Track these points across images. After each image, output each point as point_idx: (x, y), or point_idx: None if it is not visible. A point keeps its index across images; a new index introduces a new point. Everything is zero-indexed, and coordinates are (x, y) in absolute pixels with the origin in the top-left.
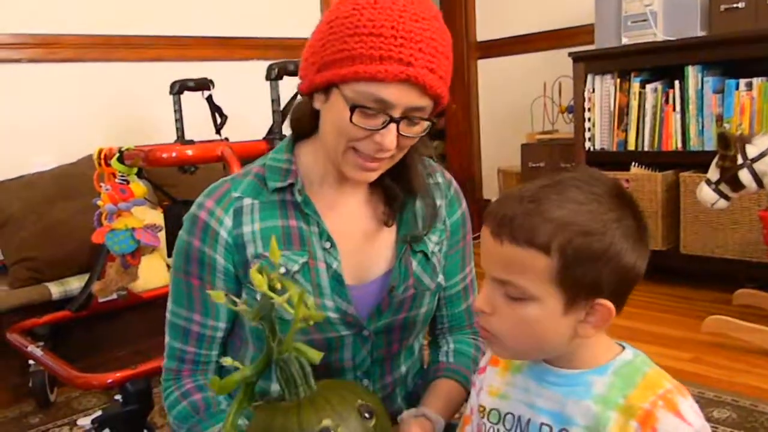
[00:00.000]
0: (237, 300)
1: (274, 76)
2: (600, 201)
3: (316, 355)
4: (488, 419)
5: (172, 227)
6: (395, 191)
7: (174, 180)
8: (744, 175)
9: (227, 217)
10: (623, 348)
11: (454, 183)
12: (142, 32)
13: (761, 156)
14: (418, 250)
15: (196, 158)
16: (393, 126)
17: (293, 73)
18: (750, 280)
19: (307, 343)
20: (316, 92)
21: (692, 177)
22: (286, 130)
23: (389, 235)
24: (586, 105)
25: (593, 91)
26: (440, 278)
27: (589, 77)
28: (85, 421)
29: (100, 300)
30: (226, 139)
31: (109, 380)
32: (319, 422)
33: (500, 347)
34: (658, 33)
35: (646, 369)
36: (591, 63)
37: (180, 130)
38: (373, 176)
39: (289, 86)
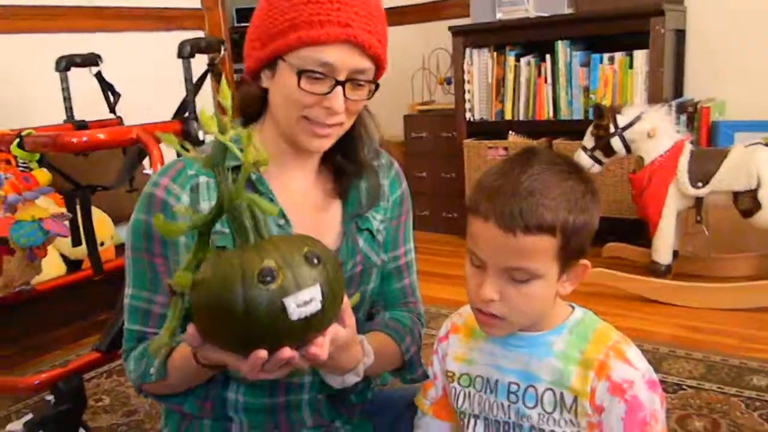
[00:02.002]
0: (189, 147)
1: (186, 54)
2: (570, 177)
3: (272, 208)
4: (459, 383)
5: (82, 214)
6: (345, 166)
7: (65, 163)
8: (615, 143)
9: (185, 194)
10: (573, 308)
11: (396, 164)
12: (19, 1)
13: (630, 125)
14: (363, 227)
15: (108, 142)
16: (339, 89)
17: (205, 51)
18: (613, 234)
19: None
20: (263, 70)
21: (564, 144)
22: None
23: (336, 212)
24: (466, 77)
25: (471, 64)
26: (383, 255)
27: (467, 50)
28: (16, 426)
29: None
30: (120, 118)
31: (37, 382)
32: (261, 262)
33: (504, 327)
34: (530, 9)
35: (596, 325)
36: (469, 37)
37: (69, 109)
38: (327, 144)
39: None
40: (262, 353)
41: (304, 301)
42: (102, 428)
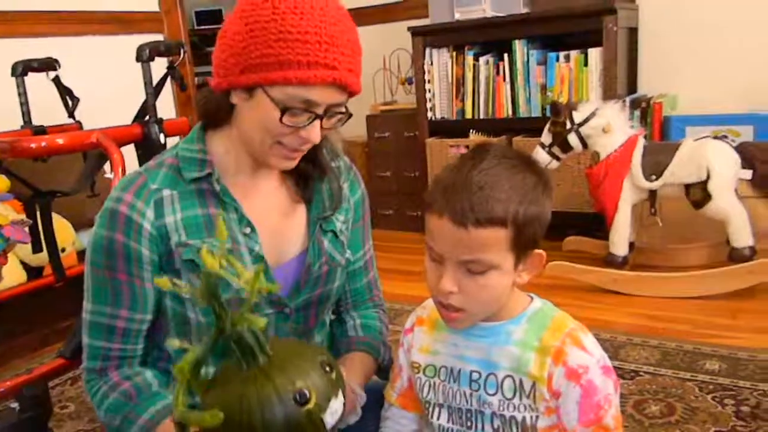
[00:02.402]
0: (180, 283)
1: (146, 57)
2: (521, 170)
3: (261, 322)
4: (424, 374)
5: (42, 220)
6: (307, 171)
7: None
8: (572, 138)
9: (149, 209)
10: (532, 299)
11: (354, 166)
12: None
13: (585, 121)
14: (328, 229)
15: (68, 147)
16: (317, 121)
17: (164, 54)
18: (573, 228)
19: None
20: (236, 90)
21: (523, 141)
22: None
23: (301, 216)
24: (426, 77)
25: (432, 63)
26: (348, 254)
27: (427, 50)
28: None
29: None
30: (79, 122)
31: (1, 389)
32: (293, 385)
33: (464, 319)
34: (487, 9)
35: (553, 314)
36: (428, 37)
37: (27, 114)
38: (294, 163)
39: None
40: None
41: (334, 410)
42: None
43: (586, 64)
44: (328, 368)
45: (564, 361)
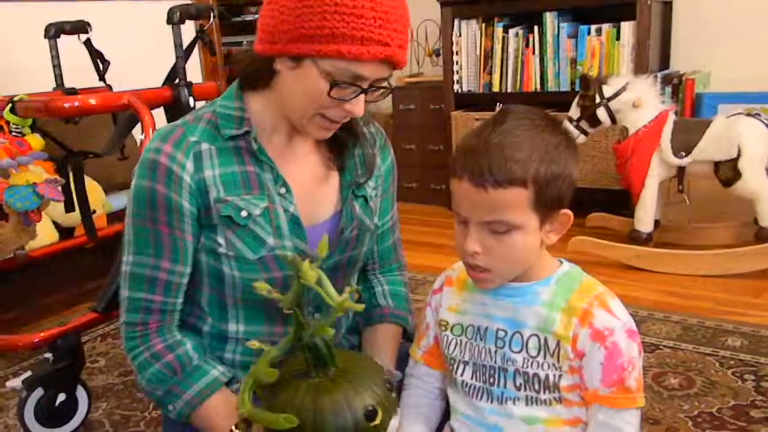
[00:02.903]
0: (271, 289)
1: (176, 20)
2: (544, 130)
3: (331, 332)
4: (452, 332)
5: (75, 180)
6: (342, 139)
7: (56, 131)
8: (601, 113)
9: (189, 162)
10: (561, 263)
11: (384, 133)
12: None
13: (615, 95)
14: (359, 194)
15: (100, 107)
16: (362, 96)
17: (195, 17)
18: (596, 205)
19: (268, 281)
20: (281, 57)
21: None
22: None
23: (334, 181)
24: (454, 49)
25: (460, 35)
26: (376, 219)
27: (456, 22)
28: (14, 383)
29: None
30: (109, 86)
31: (36, 339)
32: (364, 400)
33: (491, 279)
34: None
35: (581, 278)
36: (457, 8)
37: (59, 77)
38: (331, 134)
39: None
40: None
41: (393, 428)
42: (98, 387)
43: (618, 38)
44: (389, 386)
45: (590, 323)
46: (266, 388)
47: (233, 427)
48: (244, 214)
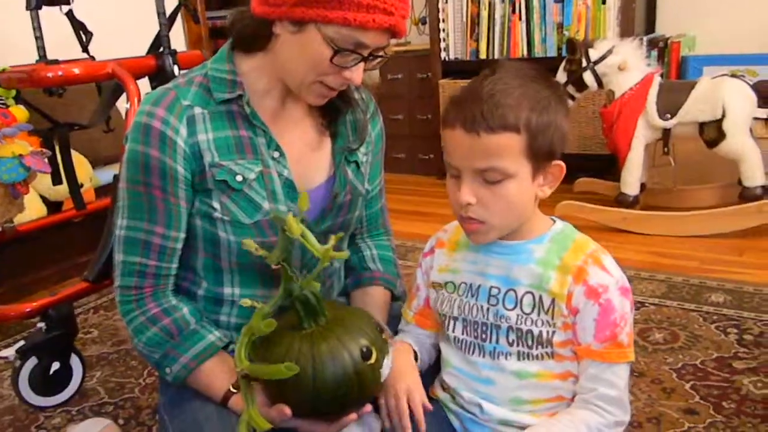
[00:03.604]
0: (258, 246)
1: None
2: (535, 80)
3: (317, 285)
4: (445, 290)
5: (61, 152)
6: (335, 104)
7: (40, 103)
8: (587, 77)
9: (182, 126)
10: (554, 221)
11: (373, 99)
12: None
13: (602, 59)
14: (351, 160)
15: (83, 77)
16: (362, 64)
17: None
18: (583, 171)
19: (263, 245)
20: (282, 21)
21: None
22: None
23: (327, 145)
24: (441, 16)
25: (446, 2)
26: (367, 185)
27: None
28: (8, 352)
29: None
30: (92, 57)
31: (28, 309)
32: (358, 342)
33: (486, 231)
34: None
35: (574, 235)
36: None
37: (42, 49)
38: (326, 101)
39: None
40: (354, 415)
41: (387, 366)
42: (92, 356)
43: (604, 2)
44: (380, 329)
45: (585, 280)
46: (260, 346)
47: (231, 387)
48: (239, 178)
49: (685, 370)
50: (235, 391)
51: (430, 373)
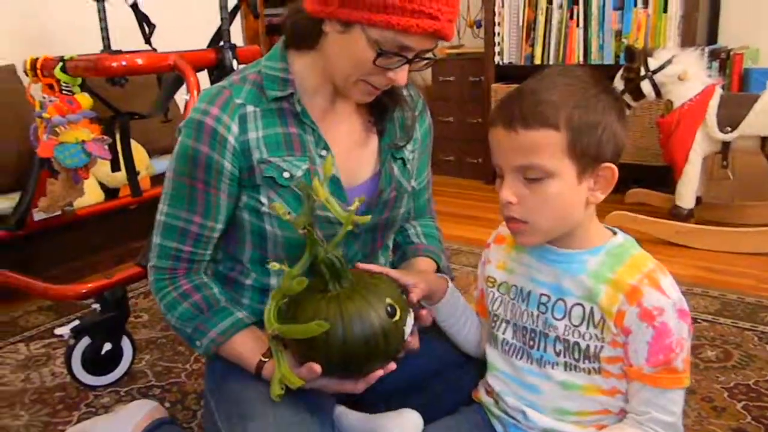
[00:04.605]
0: (287, 210)
1: None
2: (584, 81)
3: (339, 252)
4: (498, 289)
5: (121, 140)
6: (383, 102)
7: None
8: (645, 86)
9: (234, 124)
10: (615, 233)
11: (421, 96)
12: None
13: (661, 68)
14: (398, 157)
15: (146, 67)
16: (406, 65)
17: None
18: (637, 182)
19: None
20: (331, 20)
21: None
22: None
23: (374, 142)
24: (496, 19)
25: (503, 5)
26: (413, 182)
27: None
28: (62, 330)
29: (43, 217)
30: (155, 49)
31: (84, 290)
32: (383, 301)
33: (530, 232)
34: None
35: (633, 251)
36: None
37: (106, 39)
38: (372, 98)
39: None
40: (380, 372)
41: (409, 325)
42: (142, 340)
43: (665, 11)
44: (402, 291)
45: (639, 302)
46: (288, 311)
47: (261, 357)
48: (286, 175)
49: (738, 389)
50: (266, 360)
51: (472, 376)
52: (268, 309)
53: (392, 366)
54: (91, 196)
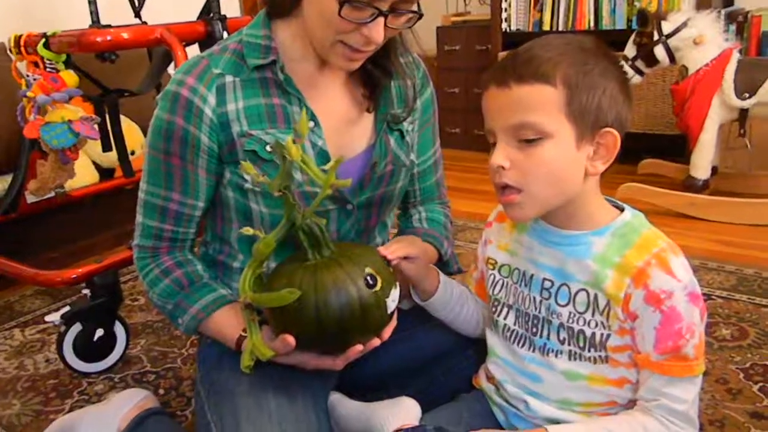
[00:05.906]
0: (258, 172)
1: None
2: (583, 43)
3: (322, 221)
4: (499, 272)
5: (111, 118)
6: (374, 74)
7: (91, 70)
8: (659, 51)
9: (211, 95)
10: (622, 210)
11: (422, 63)
12: None
13: (675, 32)
14: (395, 128)
15: (132, 41)
16: (381, 19)
17: None
18: (649, 152)
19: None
20: None
21: None
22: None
23: (368, 115)
24: None
25: None
26: (413, 156)
27: None
28: (53, 317)
29: (36, 199)
30: (145, 23)
31: (73, 275)
32: (362, 271)
33: (524, 203)
34: None
35: (642, 229)
36: None
37: (95, 14)
38: (358, 65)
39: None
40: (360, 347)
41: (394, 298)
42: (137, 324)
43: None
44: (387, 262)
45: (645, 284)
46: (265, 282)
47: (242, 332)
48: (269, 148)
49: (754, 370)
50: (246, 335)
51: (473, 362)
52: (243, 276)
53: (375, 342)
54: (85, 177)
